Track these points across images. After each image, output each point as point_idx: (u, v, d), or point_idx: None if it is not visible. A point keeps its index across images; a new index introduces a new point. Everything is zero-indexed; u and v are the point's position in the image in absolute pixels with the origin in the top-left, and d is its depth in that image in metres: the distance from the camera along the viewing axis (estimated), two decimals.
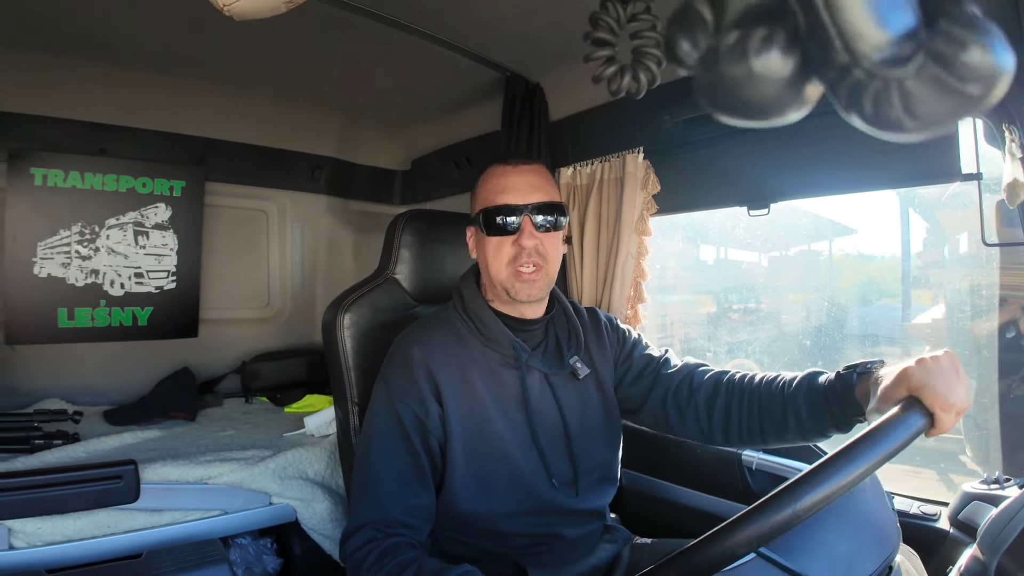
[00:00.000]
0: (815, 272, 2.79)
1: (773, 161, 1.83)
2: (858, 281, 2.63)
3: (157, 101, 2.60)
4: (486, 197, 1.42)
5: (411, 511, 1.31)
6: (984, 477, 1.49)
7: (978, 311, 1.87)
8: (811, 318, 2.60)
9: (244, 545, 2.19)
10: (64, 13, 1.94)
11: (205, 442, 2.20)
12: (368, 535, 1.26)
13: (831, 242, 2.70)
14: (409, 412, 1.34)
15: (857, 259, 2.67)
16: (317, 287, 3.38)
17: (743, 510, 0.76)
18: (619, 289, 2.07)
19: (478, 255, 1.46)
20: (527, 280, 1.39)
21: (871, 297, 2.52)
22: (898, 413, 0.87)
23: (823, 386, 1.28)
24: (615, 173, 2.10)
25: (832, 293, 2.61)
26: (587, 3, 1.18)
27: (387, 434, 1.35)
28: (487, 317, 1.43)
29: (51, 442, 2.02)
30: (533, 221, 1.39)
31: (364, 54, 2.18)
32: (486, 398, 1.38)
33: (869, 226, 2.51)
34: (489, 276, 1.43)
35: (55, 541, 1.70)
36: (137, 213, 2.66)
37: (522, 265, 1.38)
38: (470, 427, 1.37)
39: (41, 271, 2.47)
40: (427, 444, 1.35)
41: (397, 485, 1.32)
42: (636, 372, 1.56)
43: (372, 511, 1.30)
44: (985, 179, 1.46)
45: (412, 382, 1.36)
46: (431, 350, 1.39)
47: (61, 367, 2.60)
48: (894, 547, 0.99)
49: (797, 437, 1.34)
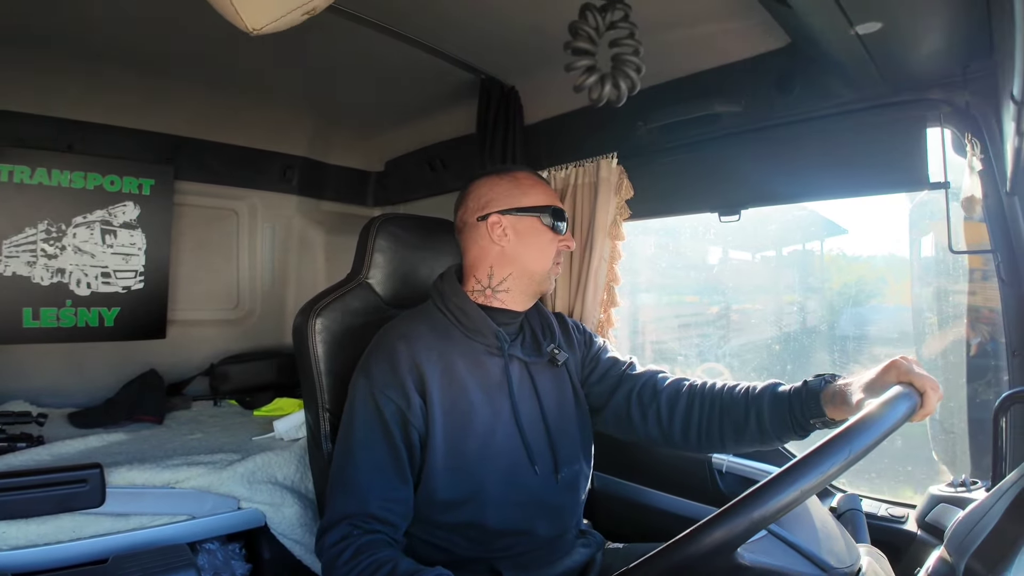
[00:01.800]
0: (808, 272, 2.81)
1: (745, 168, 1.85)
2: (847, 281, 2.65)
3: (127, 98, 2.55)
4: (537, 197, 1.53)
5: (389, 505, 1.33)
6: (951, 480, 1.52)
7: (944, 317, 1.90)
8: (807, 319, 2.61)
9: (212, 550, 2.16)
10: (34, 8, 1.90)
11: (172, 446, 2.17)
12: (344, 530, 1.27)
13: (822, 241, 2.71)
14: (391, 404, 1.36)
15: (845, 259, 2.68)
16: (288, 288, 3.34)
17: (713, 512, 0.77)
18: (592, 293, 2.08)
19: (513, 246, 1.51)
20: (555, 274, 1.58)
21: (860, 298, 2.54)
22: (897, 393, 0.95)
23: (787, 391, 1.36)
24: (589, 178, 2.11)
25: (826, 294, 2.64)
26: (563, 7, 1.18)
27: (367, 427, 1.37)
28: (470, 309, 1.48)
29: (15, 445, 1.98)
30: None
31: (338, 54, 2.16)
32: (470, 386, 1.42)
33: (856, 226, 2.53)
34: (524, 267, 1.52)
35: (19, 546, 1.66)
36: (105, 211, 2.61)
37: (557, 262, 1.56)
38: (453, 415, 1.39)
39: (6, 270, 2.41)
40: (407, 437, 1.37)
41: (376, 477, 1.34)
42: (601, 372, 1.63)
43: (350, 503, 1.32)
44: (952, 187, 1.49)
45: (395, 375, 1.37)
46: (415, 342, 1.41)
47: (25, 368, 2.54)
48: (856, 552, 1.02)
49: (755, 439, 1.41)
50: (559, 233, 1.54)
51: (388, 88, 2.53)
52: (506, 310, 1.53)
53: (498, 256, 1.51)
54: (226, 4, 1.23)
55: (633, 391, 1.56)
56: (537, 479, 1.44)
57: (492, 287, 1.51)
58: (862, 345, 2.35)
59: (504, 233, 1.49)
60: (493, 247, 1.51)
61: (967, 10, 1.16)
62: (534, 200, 1.52)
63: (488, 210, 1.51)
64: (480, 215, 1.51)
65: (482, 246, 1.52)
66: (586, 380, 1.63)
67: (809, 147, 1.71)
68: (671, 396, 1.52)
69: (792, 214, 2.63)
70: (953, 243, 1.49)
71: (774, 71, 1.69)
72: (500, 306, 1.52)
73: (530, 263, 1.51)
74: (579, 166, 2.15)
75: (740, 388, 1.45)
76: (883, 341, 2.37)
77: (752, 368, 2.73)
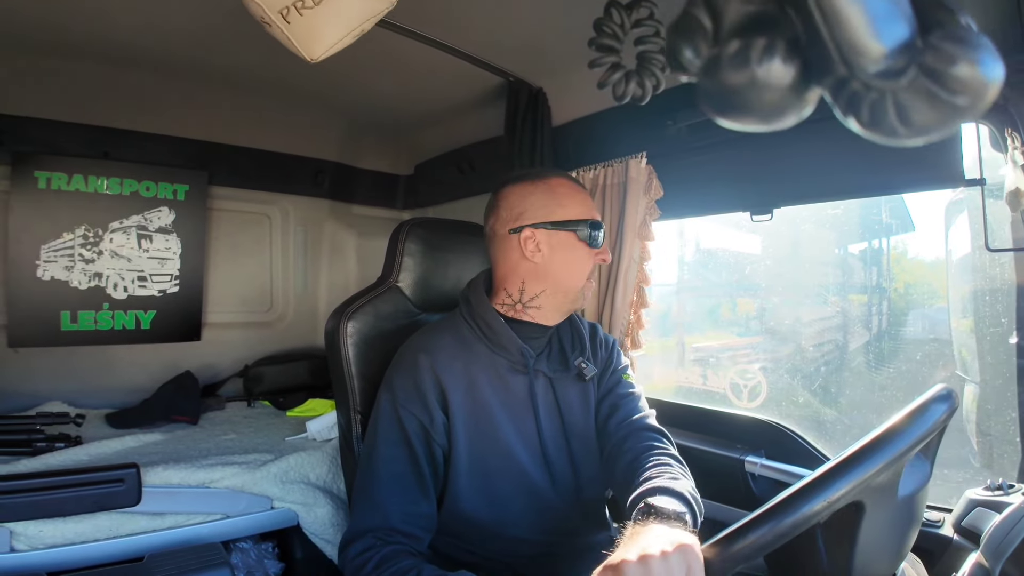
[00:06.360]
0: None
1: (776, 166, 1.83)
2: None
3: (161, 105, 2.60)
4: (574, 209, 1.44)
5: (411, 519, 1.31)
6: (988, 483, 1.48)
7: (981, 316, 1.86)
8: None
9: (246, 549, 2.19)
10: (69, 17, 1.95)
11: (207, 446, 2.20)
12: (367, 542, 1.26)
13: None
14: (413, 420, 1.34)
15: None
16: (320, 291, 3.39)
17: (747, 516, 0.77)
18: (622, 294, 2.07)
19: (547, 262, 1.43)
20: (589, 290, 1.50)
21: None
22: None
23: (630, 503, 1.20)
24: (618, 178, 2.10)
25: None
26: (589, 9, 1.18)
27: (390, 441, 1.35)
28: (495, 323, 1.42)
29: (53, 445, 2.02)
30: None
31: (367, 59, 2.18)
32: (493, 403, 1.38)
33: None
34: (558, 284, 1.44)
35: (56, 544, 1.70)
36: (141, 216, 2.67)
37: (590, 277, 1.48)
38: (476, 432, 1.36)
39: (44, 274, 2.47)
40: (430, 452, 1.35)
41: (398, 492, 1.32)
42: (605, 414, 1.51)
43: (372, 517, 1.30)
44: (988, 184, 1.46)
45: (417, 389, 1.35)
46: (437, 356, 1.38)
47: (64, 370, 2.60)
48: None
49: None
50: (596, 247, 1.45)
51: (417, 92, 2.54)
52: (535, 324, 1.46)
53: (530, 271, 1.43)
54: (285, 38, 1.27)
55: (607, 444, 1.45)
56: (560, 499, 1.42)
57: (523, 302, 1.45)
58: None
59: (538, 248, 1.41)
60: (525, 262, 1.43)
61: (1000, 3, 1.13)
62: (570, 212, 1.42)
63: (521, 223, 1.42)
64: (512, 227, 1.43)
65: (514, 260, 1.44)
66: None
67: (842, 144, 1.68)
68: (626, 467, 1.35)
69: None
70: (990, 241, 1.45)
71: None
72: (529, 320, 1.46)
73: (564, 280, 1.44)
74: (608, 166, 2.14)
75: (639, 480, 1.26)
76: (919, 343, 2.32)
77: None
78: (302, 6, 1.29)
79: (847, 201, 2.28)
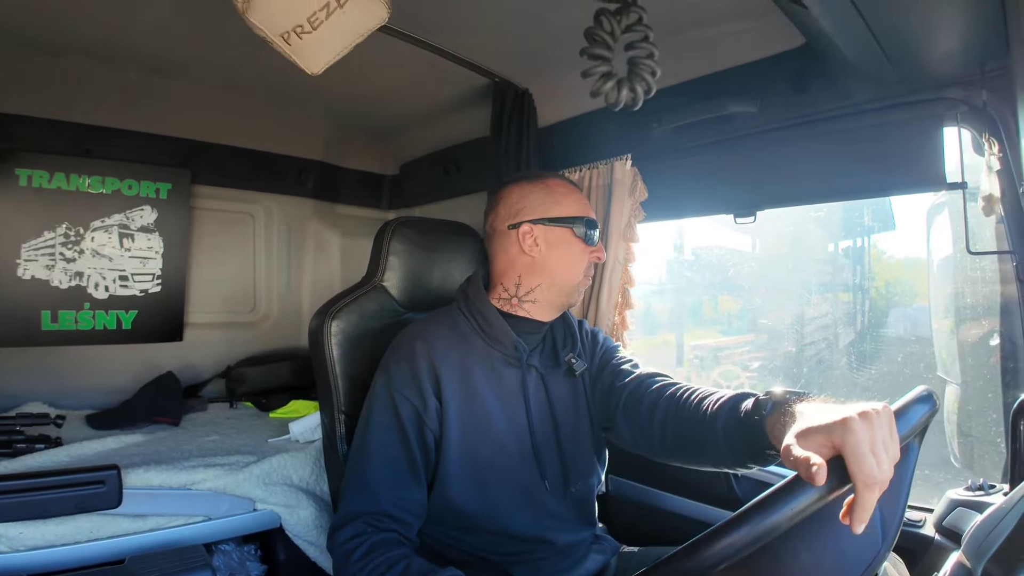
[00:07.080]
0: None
1: (760, 169, 1.84)
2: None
3: (144, 103, 2.57)
4: (571, 207, 1.51)
5: (402, 504, 1.33)
6: (969, 483, 1.50)
7: (962, 318, 1.88)
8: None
9: (228, 551, 2.17)
10: (52, 13, 1.92)
11: (189, 447, 2.18)
12: (358, 528, 1.28)
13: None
14: (408, 405, 1.37)
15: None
16: (303, 291, 3.36)
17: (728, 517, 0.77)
18: (607, 296, 2.08)
19: (544, 256, 1.49)
20: (584, 286, 1.57)
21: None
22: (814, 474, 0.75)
23: (741, 414, 1.20)
24: (603, 180, 2.11)
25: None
26: (575, 10, 1.18)
27: (384, 426, 1.38)
28: (492, 316, 1.47)
29: (33, 446, 1.99)
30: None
31: (353, 59, 2.17)
32: (487, 394, 1.42)
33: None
34: (554, 278, 1.50)
35: (37, 546, 1.68)
36: (123, 215, 2.64)
37: (587, 274, 1.55)
38: (468, 421, 1.40)
39: (25, 273, 2.44)
40: (422, 438, 1.38)
41: (390, 477, 1.35)
42: (604, 392, 1.55)
43: (363, 501, 1.33)
44: (970, 188, 1.47)
45: (413, 374, 1.38)
46: (435, 344, 1.42)
47: (44, 370, 2.56)
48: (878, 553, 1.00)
49: (718, 463, 1.29)
50: (591, 244, 1.52)
51: (402, 92, 2.54)
52: (530, 320, 1.51)
53: (528, 266, 1.50)
54: (287, 52, 1.32)
55: (619, 404, 1.48)
56: (548, 494, 1.45)
57: (519, 296, 1.50)
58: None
59: (535, 243, 1.48)
60: (523, 256, 1.49)
61: (983, 8, 1.14)
62: (567, 210, 1.50)
63: (520, 219, 1.49)
64: (511, 223, 1.50)
65: (512, 255, 1.51)
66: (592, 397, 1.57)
67: (825, 148, 1.70)
68: (650, 406, 1.41)
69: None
70: (971, 244, 1.47)
71: (789, 71, 1.68)
72: (525, 315, 1.51)
73: (560, 274, 1.50)
74: (593, 168, 2.14)
75: (704, 405, 1.30)
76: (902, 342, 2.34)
77: None
78: (301, 31, 1.38)
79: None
